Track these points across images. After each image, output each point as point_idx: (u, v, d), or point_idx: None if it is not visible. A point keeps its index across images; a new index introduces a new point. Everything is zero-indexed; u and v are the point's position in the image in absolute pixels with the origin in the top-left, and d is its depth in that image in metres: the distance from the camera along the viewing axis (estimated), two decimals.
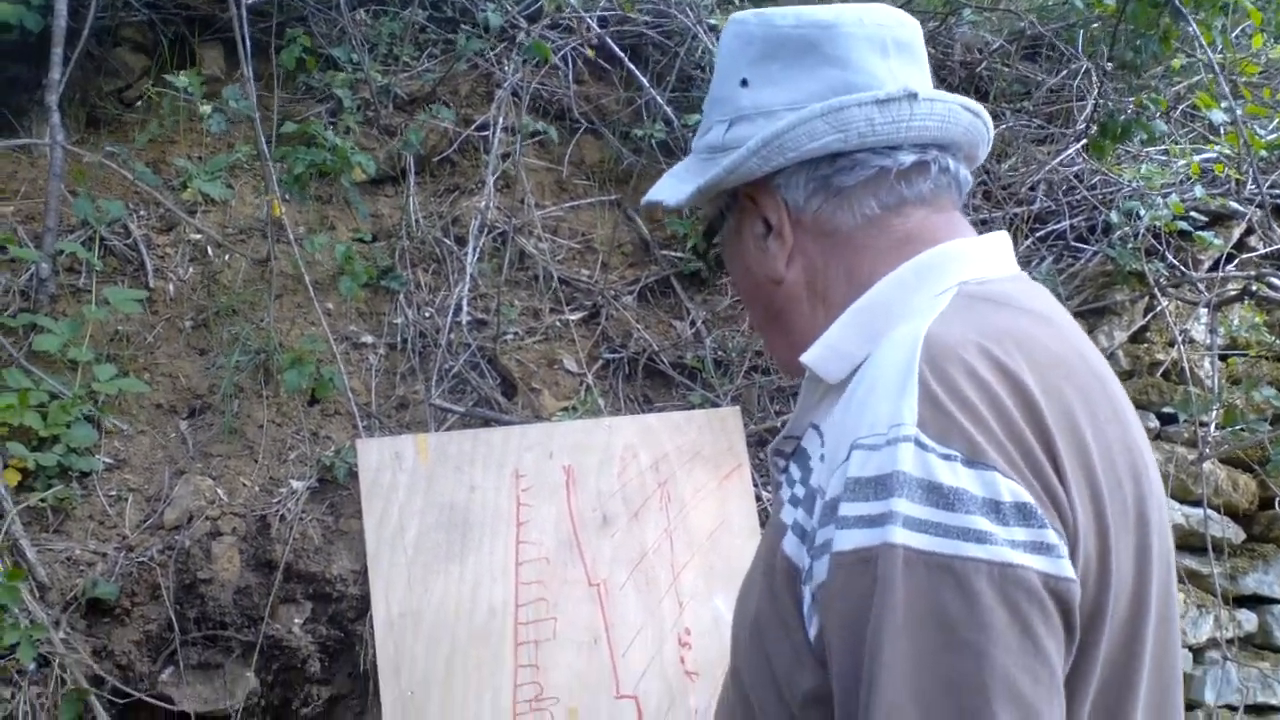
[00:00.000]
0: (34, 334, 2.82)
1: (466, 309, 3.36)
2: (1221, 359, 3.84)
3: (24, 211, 3.21)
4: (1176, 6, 3.76)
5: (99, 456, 2.74)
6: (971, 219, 2.35)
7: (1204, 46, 3.90)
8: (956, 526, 0.94)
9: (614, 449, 2.79)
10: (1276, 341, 3.92)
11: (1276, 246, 3.87)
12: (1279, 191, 4.02)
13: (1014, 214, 3.87)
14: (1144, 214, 3.70)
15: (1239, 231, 3.97)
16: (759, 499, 2.92)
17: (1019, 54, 4.50)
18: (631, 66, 3.88)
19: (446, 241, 3.51)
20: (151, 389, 2.92)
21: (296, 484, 2.85)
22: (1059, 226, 3.91)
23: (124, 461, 2.78)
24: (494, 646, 2.56)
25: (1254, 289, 3.88)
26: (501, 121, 3.69)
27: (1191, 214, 3.79)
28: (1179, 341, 3.70)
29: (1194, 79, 4.43)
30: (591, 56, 3.94)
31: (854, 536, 0.98)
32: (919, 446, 0.97)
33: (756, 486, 2.97)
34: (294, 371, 2.91)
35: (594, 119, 3.98)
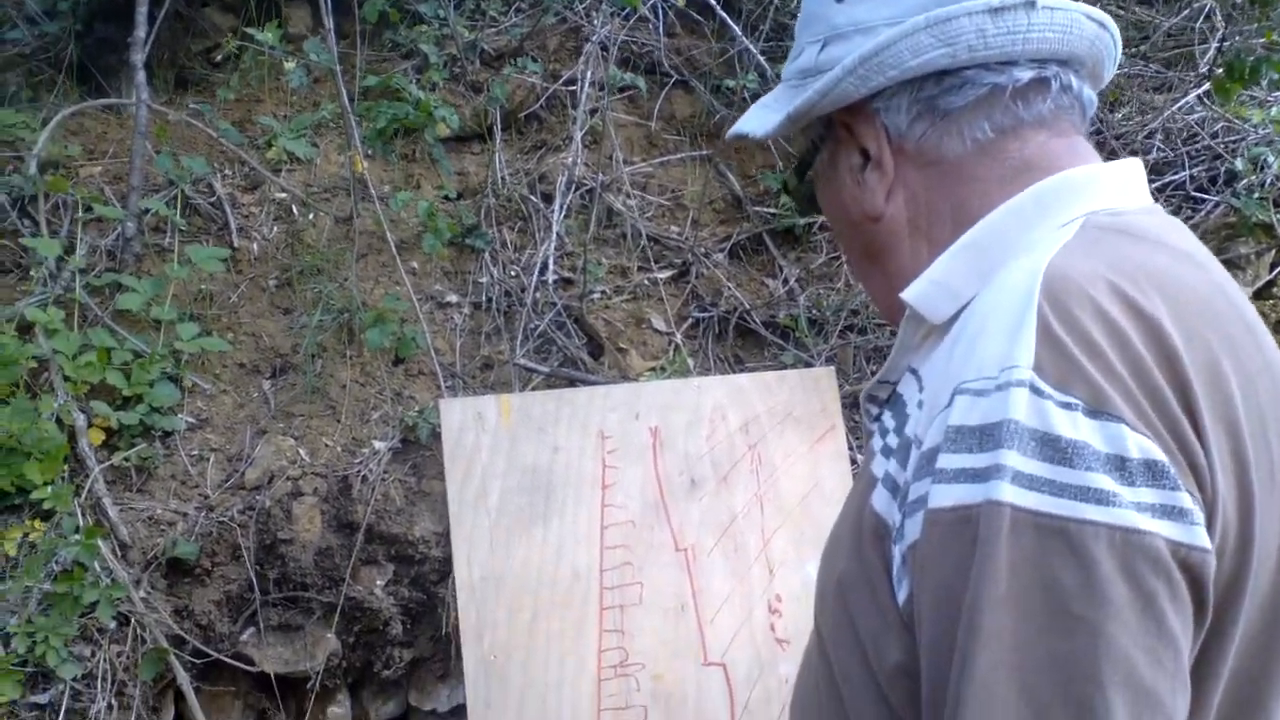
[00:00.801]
0: (118, 293, 2.80)
1: (553, 267, 3.28)
2: None
3: (111, 172, 3.21)
4: None
5: (181, 416, 2.72)
6: None
7: None
8: (1074, 485, 0.82)
9: (703, 410, 2.69)
10: None
11: None
12: None
13: None
14: (1272, 161, 3.49)
15: None
16: (854, 463, 2.80)
17: None
18: (724, 16, 3.74)
19: (533, 199, 3.43)
20: (234, 348, 2.89)
21: (379, 444, 2.80)
22: (1178, 177, 3.68)
23: (206, 421, 2.76)
24: (578, 611, 2.49)
25: None
26: (590, 76, 3.59)
27: None
28: None
29: None
30: (682, 6, 3.80)
31: (953, 492, 0.86)
32: (1034, 392, 0.85)
33: (851, 450, 2.85)
34: (376, 330, 2.86)
35: (684, 71, 3.84)
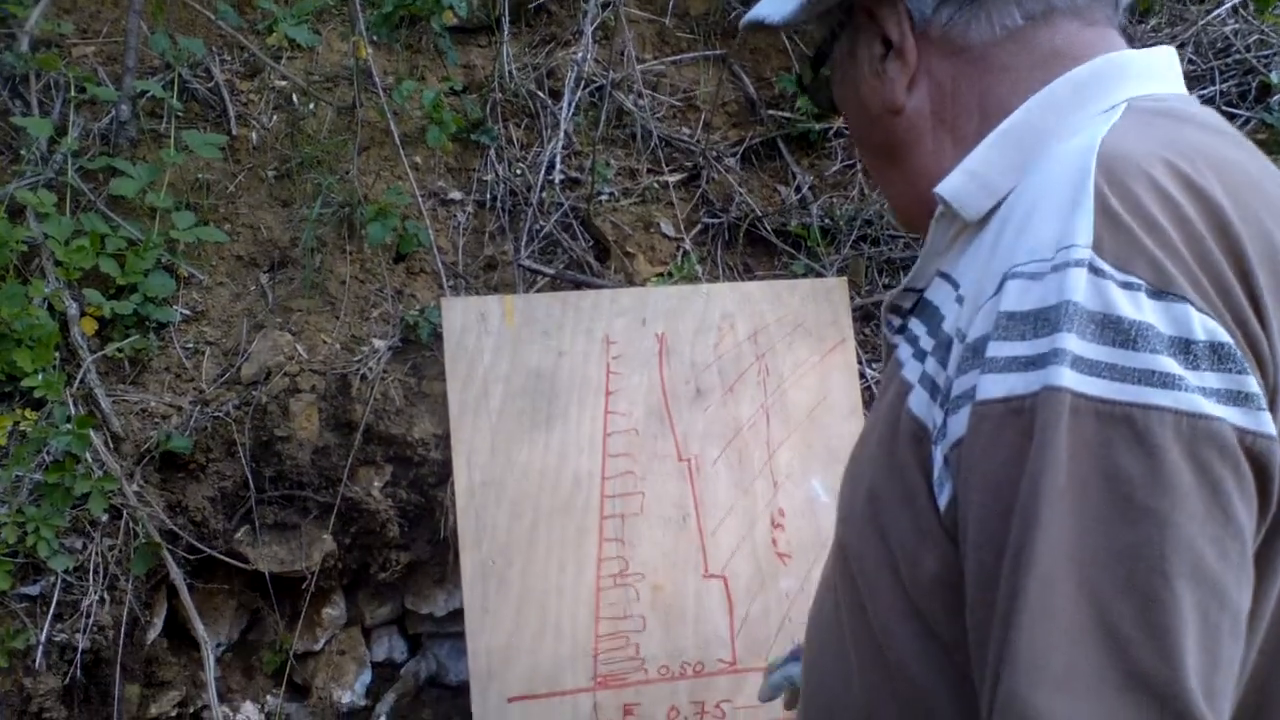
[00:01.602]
0: (112, 178, 2.71)
1: (560, 167, 3.18)
2: None
3: (105, 53, 3.09)
4: None
5: (176, 307, 2.65)
6: None
7: None
8: (1138, 369, 0.76)
9: (711, 317, 2.63)
10: None
11: None
12: None
13: None
14: None
15: None
16: (863, 377, 2.74)
17: None
18: None
19: (540, 95, 3.31)
20: (231, 240, 2.81)
21: (379, 343, 2.73)
22: (1208, 91, 3.56)
23: (202, 313, 2.69)
24: (578, 518, 2.46)
25: None
26: None
27: None
28: None
29: None
30: None
31: (1005, 382, 0.80)
32: (1094, 273, 0.79)
33: (861, 364, 2.79)
34: (378, 225, 2.78)
35: None
